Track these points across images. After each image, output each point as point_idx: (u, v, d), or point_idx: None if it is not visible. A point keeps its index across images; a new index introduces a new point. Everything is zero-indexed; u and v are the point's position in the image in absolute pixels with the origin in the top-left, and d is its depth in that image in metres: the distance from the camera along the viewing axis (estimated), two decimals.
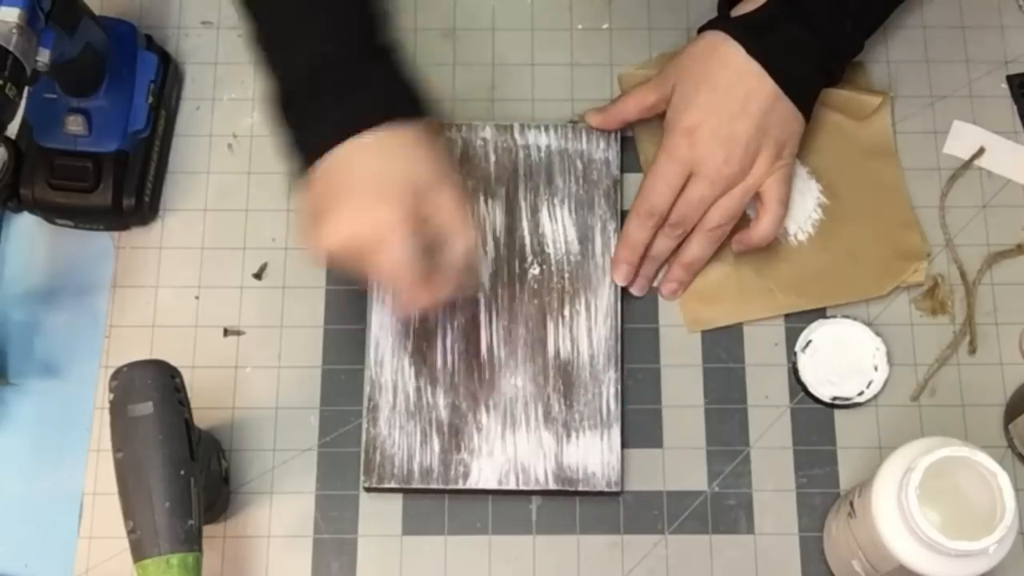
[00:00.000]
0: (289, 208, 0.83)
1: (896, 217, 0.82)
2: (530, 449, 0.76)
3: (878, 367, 0.79)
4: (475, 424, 0.76)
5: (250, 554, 0.76)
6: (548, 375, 0.77)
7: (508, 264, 0.79)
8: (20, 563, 0.76)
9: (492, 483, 0.75)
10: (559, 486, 0.75)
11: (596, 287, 0.79)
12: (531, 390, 0.77)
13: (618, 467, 0.76)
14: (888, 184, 0.83)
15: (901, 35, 0.87)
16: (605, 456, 0.76)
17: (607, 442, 0.76)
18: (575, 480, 0.76)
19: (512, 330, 0.78)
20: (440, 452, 0.76)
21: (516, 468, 0.76)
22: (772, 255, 0.81)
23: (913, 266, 0.81)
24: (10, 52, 0.67)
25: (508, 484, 0.75)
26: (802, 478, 0.77)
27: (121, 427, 0.63)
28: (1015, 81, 0.86)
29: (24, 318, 0.81)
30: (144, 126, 0.81)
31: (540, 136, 0.82)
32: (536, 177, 0.81)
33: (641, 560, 0.76)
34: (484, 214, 0.80)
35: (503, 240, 0.80)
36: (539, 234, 0.80)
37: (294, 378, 0.79)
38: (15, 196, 0.80)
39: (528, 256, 0.79)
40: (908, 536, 0.62)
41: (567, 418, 0.76)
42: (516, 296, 0.79)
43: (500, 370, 0.77)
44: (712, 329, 0.80)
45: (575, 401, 0.77)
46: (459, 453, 0.76)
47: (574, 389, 0.77)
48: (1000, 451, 0.77)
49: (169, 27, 0.87)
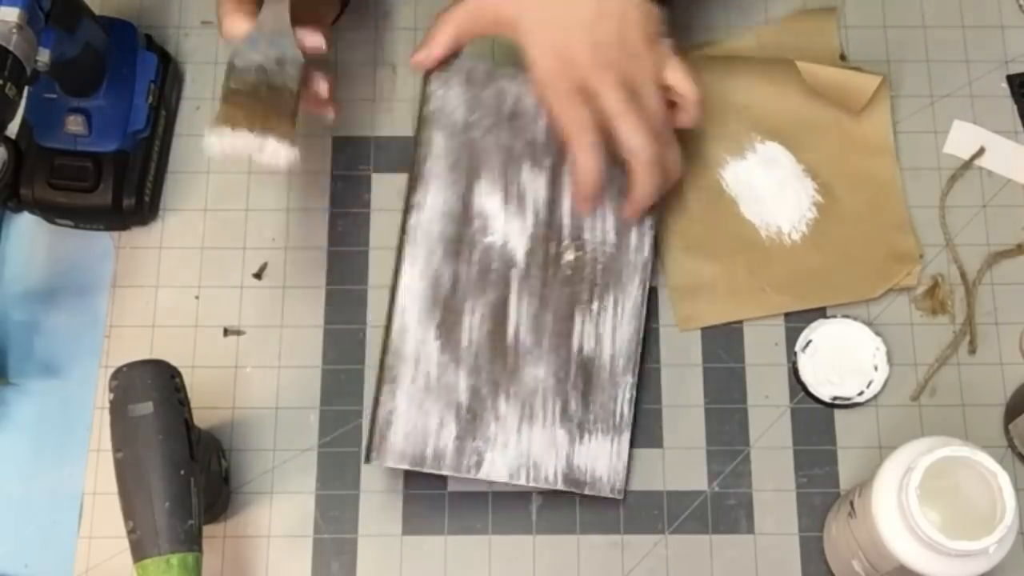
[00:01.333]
0: (289, 208, 0.83)
1: (891, 218, 0.82)
2: (544, 446, 0.74)
3: (878, 367, 0.79)
4: (494, 412, 0.73)
5: (250, 554, 0.76)
6: (570, 370, 0.75)
7: (545, 244, 0.76)
8: (20, 563, 0.76)
9: (504, 476, 0.73)
10: (567, 487, 0.74)
11: (626, 284, 0.76)
12: (552, 384, 0.75)
13: (623, 474, 0.75)
14: (884, 182, 0.83)
15: (901, 35, 0.87)
16: (613, 461, 0.75)
17: (616, 447, 0.75)
18: (582, 482, 0.74)
19: (540, 317, 0.75)
20: (455, 438, 0.73)
21: (529, 464, 0.74)
22: (766, 254, 0.81)
23: (906, 269, 0.81)
24: (10, 52, 0.66)
25: (519, 479, 0.73)
26: (802, 478, 0.77)
27: (121, 427, 0.63)
28: (1015, 81, 0.86)
29: (24, 318, 0.81)
30: (144, 126, 0.81)
31: None
32: None
33: (641, 560, 0.76)
34: (526, 183, 0.76)
35: (543, 216, 0.76)
36: (579, 216, 0.76)
37: (294, 378, 0.79)
38: (15, 196, 0.80)
39: (565, 239, 0.76)
40: (908, 536, 0.62)
41: (582, 418, 0.75)
42: (548, 282, 0.75)
43: (524, 358, 0.74)
44: (712, 329, 0.80)
45: (592, 401, 0.75)
46: (474, 441, 0.73)
47: (593, 389, 0.75)
48: (1000, 451, 0.77)
49: (169, 27, 0.87)
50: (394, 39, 0.87)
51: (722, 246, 0.81)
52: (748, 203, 0.83)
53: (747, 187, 0.83)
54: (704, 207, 0.83)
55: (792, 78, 0.83)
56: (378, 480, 0.77)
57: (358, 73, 0.86)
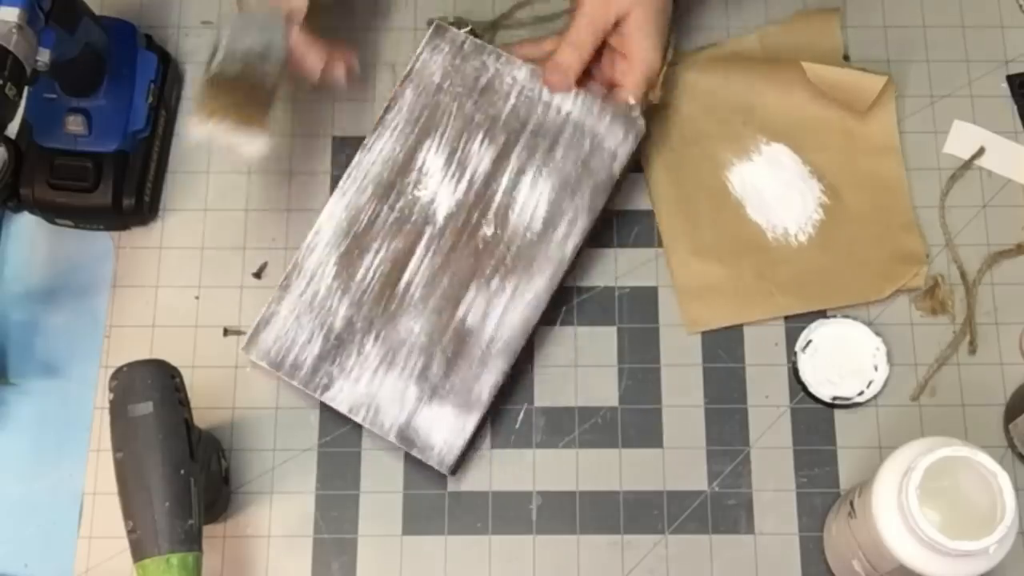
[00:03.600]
0: (289, 208, 0.83)
1: (898, 218, 0.82)
2: (392, 395, 0.75)
3: (878, 367, 0.79)
4: (359, 347, 0.75)
5: (250, 554, 0.76)
6: (445, 335, 0.76)
7: (468, 212, 0.77)
8: (20, 563, 0.76)
9: (344, 407, 0.74)
10: (397, 442, 0.74)
11: (534, 274, 0.77)
12: (423, 341, 0.76)
13: (458, 452, 0.74)
14: (890, 183, 0.83)
15: (901, 35, 0.87)
16: (451, 436, 0.74)
17: (462, 424, 0.75)
18: (413, 443, 0.74)
19: (438, 277, 0.76)
20: (316, 356, 0.75)
21: (372, 405, 0.74)
22: (772, 256, 0.81)
23: (913, 270, 0.81)
24: (10, 52, 0.66)
25: (356, 416, 0.74)
26: (802, 478, 0.77)
27: (121, 427, 0.63)
28: (1015, 81, 0.86)
29: (24, 318, 0.81)
30: (144, 126, 0.81)
31: (566, 100, 0.78)
32: (540, 139, 0.78)
33: (641, 560, 0.76)
34: (473, 153, 0.78)
35: (477, 187, 0.77)
36: (511, 197, 0.77)
37: None
38: (15, 196, 0.80)
39: (489, 214, 0.77)
40: (908, 536, 0.62)
41: (439, 384, 0.75)
42: (457, 248, 0.77)
43: (407, 308, 0.76)
44: (712, 329, 0.80)
45: (455, 372, 0.75)
46: (332, 365, 0.75)
47: (460, 360, 0.75)
48: (1000, 451, 0.77)
49: (169, 27, 0.87)
50: (394, 39, 0.87)
51: (729, 248, 0.81)
52: (754, 205, 0.83)
53: (753, 189, 0.83)
54: (710, 210, 0.82)
55: (797, 79, 0.83)
56: (378, 480, 0.77)
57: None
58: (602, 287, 0.82)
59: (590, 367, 0.80)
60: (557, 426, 0.79)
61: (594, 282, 0.82)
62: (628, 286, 0.82)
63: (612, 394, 0.79)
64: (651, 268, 0.82)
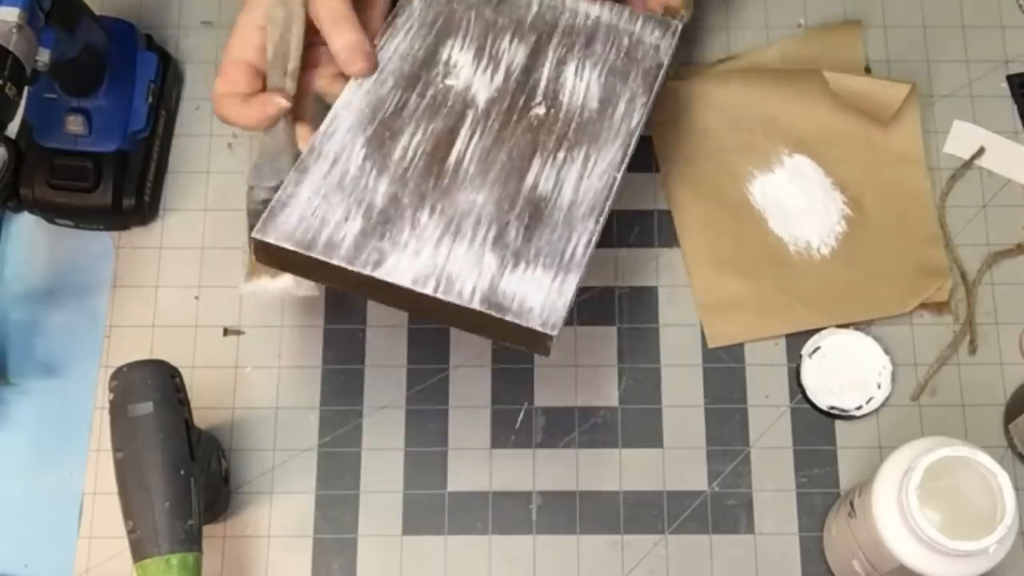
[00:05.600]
0: None
1: (922, 230, 0.81)
2: (465, 264, 0.65)
3: (881, 385, 0.78)
4: (412, 220, 0.66)
5: (250, 554, 0.76)
6: (516, 203, 0.68)
7: (512, 97, 0.71)
8: (20, 563, 0.76)
9: (406, 280, 0.64)
10: (484, 308, 0.64)
11: (602, 146, 0.71)
12: (490, 211, 0.67)
13: (563, 313, 0.65)
14: (915, 194, 0.82)
15: (901, 35, 0.87)
16: (551, 297, 0.66)
17: (558, 284, 0.66)
18: (506, 308, 0.64)
19: (492, 153, 0.69)
20: (359, 232, 0.65)
21: (441, 275, 0.65)
22: (795, 269, 0.80)
23: (937, 283, 0.80)
24: (10, 52, 0.66)
25: (425, 288, 0.64)
26: (802, 478, 0.77)
27: (121, 427, 0.63)
28: (1015, 81, 0.86)
29: (24, 318, 0.81)
30: (144, 126, 0.81)
31: (592, 7, 0.74)
32: (575, 37, 0.73)
33: (641, 560, 0.76)
34: (504, 48, 0.72)
35: (515, 76, 0.71)
36: (559, 82, 0.71)
37: (294, 378, 0.79)
38: (15, 196, 0.80)
39: (538, 96, 0.71)
40: (908, 536, 0.62)
41: (521, 248, 0.66)
42: (508, 126, 0.70)
43: (462, 182, 0.68)
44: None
45: (537, 236, 0.67)
46: (381, 241, 0.65)
47: (541, 224, 0.68)
48: (1000, 451, 0.77)
49: (169, 27, 0.87)
50: None
51: (751, 262, 0.80)
52: (776, 218, 0.82)
53: (775, 202, 0.82)
54: (732, 222, 0.82)
55: (819, 89, 0.82)
56: (378, 480, 0.77)
57: None
58: (602, 287, 0.82)
59: (590, 367, 0.80)
60: (557, 426, 0.79)
61: (594, 282, 0.82)
62: (628, 286, 0.82)
63: (612, 394, 0.79)
64: (651, 268, 0.82)
